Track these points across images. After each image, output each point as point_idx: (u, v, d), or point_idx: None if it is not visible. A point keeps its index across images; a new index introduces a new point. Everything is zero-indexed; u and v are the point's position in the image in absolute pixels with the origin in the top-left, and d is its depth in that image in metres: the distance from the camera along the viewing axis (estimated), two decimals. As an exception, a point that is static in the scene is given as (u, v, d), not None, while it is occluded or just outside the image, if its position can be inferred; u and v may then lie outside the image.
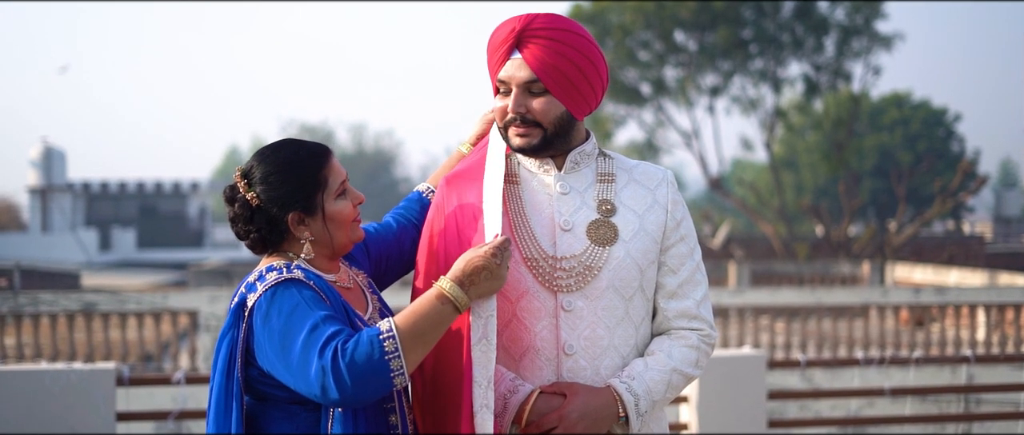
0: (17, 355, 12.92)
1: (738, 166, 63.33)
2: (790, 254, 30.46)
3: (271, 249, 3.23)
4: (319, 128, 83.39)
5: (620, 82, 33.00)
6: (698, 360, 3.33)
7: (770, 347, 14.44)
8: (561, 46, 3.21)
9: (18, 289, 22.36)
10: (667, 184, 3.39)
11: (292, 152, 3.20)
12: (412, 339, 2.97)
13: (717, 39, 31.60)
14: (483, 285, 3.06)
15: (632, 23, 31.86)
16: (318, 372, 2.91)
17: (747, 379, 7.39)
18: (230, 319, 3.11)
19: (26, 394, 6.55)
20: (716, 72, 33.13)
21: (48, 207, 50.13)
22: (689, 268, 3.36)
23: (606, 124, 34.08)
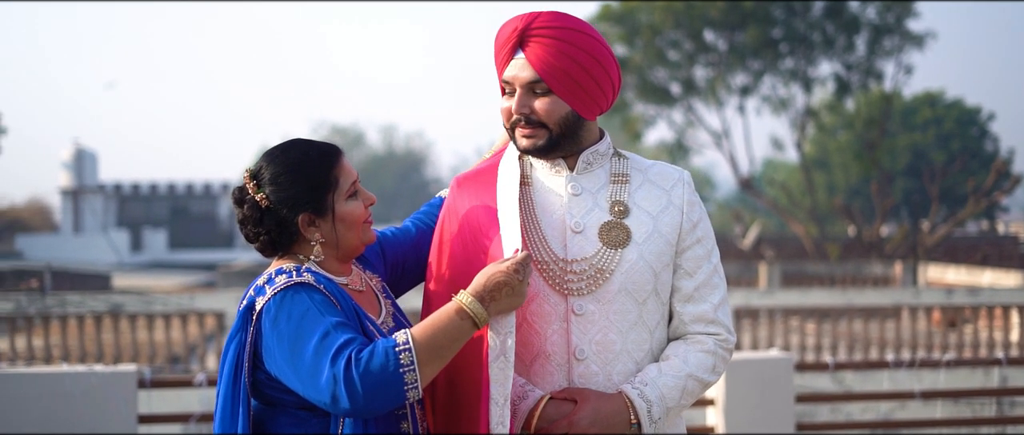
0: (45, 356, 12.93)
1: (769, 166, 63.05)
2: (822, 255, 30.23)
3: (281, 251, 3.17)
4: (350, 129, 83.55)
5: (649, 82, 32.85)
6: (715, 366, 3.23)
7: (800, 349, 14.31)
8: (564, 45, 3.13)
9: (49, 290, 22.44)
10: (683, 185, 3.30)
11: (302, 152, 3.13)
12: (428, 353, 2.90)
13: (747, 38, 31.40)
14: (504, 301, 2.99)
15: (661, 23, 31.70)
16: (330, 380, 2.85)
17: (775, 382, 7.30)
18: (238, 322, 3.05)
19: (48, 396, 6.54)
20: (746, 72, 32.92)
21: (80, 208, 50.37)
22: (706, 271, 3.27)
23: (636, 124, 33.95)
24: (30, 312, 12.97)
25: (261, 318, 3.00)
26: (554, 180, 3.26)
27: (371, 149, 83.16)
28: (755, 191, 34.46)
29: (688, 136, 34.58)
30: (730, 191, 65.25)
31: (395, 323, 3.22)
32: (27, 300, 13.01)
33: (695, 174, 65.70)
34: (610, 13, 32.40)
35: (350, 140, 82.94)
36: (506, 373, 3.02)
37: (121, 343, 13.40)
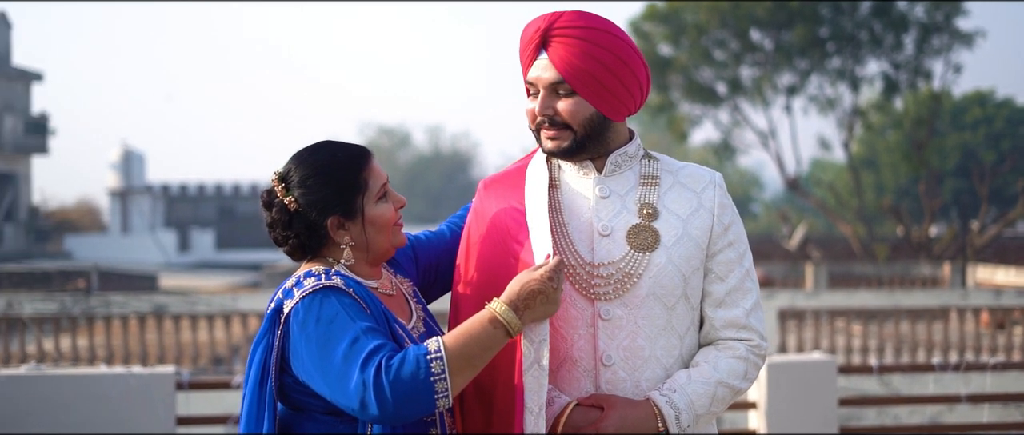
0: (89, 357, 13.00)
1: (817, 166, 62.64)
2: (869, 255, 30.01)
3: (310, 255, 3.13)
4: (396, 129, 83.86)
5: (695, 82, 32.72)
6: (747, 372, 3.16)
7: (846, 351, 14.16)
8: (587, 45, 3.06)
9: (95, 290, 22.61)
10: (714, 187, 3.22)
11: (331, 154, 3.09)
12: (460, 361, 2.86)
13: (794, 37, 31.19)
14: (538, 310, 2.94)
15: (707, 22, 31.56)
16: (359, 386, 2.81)
17: (817, 385, 7.22)
18: (265, 325, 3.01)
19: (86, 398, 6.55)
20: (793, 71, 32.69)
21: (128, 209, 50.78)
22: (738, 275, 3.19)
23: (681, 124, 33.81)
24: (74, 313, 13.04)
25: (289, 321, 2.96)
26: (582, 182, 3.20)
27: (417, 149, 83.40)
28: (802, 191, 34.24)
29: (734, 136, 34.43)
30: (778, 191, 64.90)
31: (425, 328, 3.18)
32: (71, 300, 13.08)
33: (743, 174, 65.44)
34: (655, 13, 32.29)
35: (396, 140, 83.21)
36: (541, 382, 2.97)
37: (165, 344, 13.45)
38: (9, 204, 46.40)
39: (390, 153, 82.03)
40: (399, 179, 77.41)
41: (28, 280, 24.06)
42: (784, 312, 14.14)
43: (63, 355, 13.12)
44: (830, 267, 24.20)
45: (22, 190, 47.41)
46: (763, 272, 21.93)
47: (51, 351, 13.06)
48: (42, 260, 40.19)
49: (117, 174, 51.01)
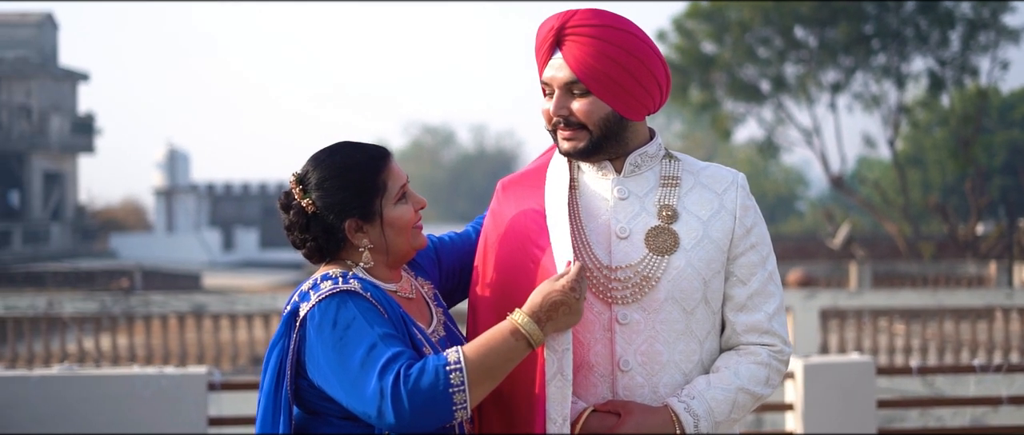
0: (129, 356, 13.05)
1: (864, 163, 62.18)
2: (915, 254, 29.73)
3: (329, 257, 3.09)
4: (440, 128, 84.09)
5: (739, 79, 32.54)
6: (768, 378, 3.08)
7: (888, 351, 14.00)
8: (602, 44, 3.00)
9: (139, 289, 22.74)
10: (736, 188, 3.14)
11: (348, 155, 3.04)
12: (479, 373, 2.82)
13: (838, 35, 30.94)
14: (560, 320, 2.89)
15: (751, 20, 31.37)
16: (376, 394, 2.78)
17: (855, 386, 7.13)
18: (281, 327, 2.98)
19: (118, 398, 6.55)
20: (837, 68, 32.43)
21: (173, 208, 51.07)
22: (760, 279, 3.11)
23: (725, 122, 33.64)
24: (114, 312, 13.10)
25: (305, 325, 2.93)
26: (600, 183, 3.13)
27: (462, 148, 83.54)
28: (847, 189, 33.97)
29: (778, 134, 34.21)
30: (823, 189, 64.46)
31: (446, 332, 3.13)
32: (111, 300, 13.14)
33: (788, 172, 65.08)
34: (699, 10, 32.15)
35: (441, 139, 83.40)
36: (565, 392, 2.93)
37: (204, 343, 13.49)
38: (56, 203, 46.81)
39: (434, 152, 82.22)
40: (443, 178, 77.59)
41: (72, 279, 24.25)
42: (826, 311, 14.00)
43: (103, 354, 13.19)
44: (875, 266, 23.97)
45: (69, 189, 47.82)
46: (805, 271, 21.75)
47: (91, 350, 13.12)
48: (88, 259, 40.52)
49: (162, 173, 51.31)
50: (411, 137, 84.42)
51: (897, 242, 31.51)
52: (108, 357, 13.16)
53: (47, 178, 46.49)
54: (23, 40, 45.49)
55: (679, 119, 71.05)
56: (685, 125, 69.74)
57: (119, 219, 54.80)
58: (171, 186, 51.09)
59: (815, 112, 33.11)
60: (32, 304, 13.08)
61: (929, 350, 14.26)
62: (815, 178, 68.30)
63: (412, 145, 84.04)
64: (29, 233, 43.37)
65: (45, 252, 42.79)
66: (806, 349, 13.49)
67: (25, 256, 40.67)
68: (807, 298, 13.88)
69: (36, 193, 45.12)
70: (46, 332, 13.02)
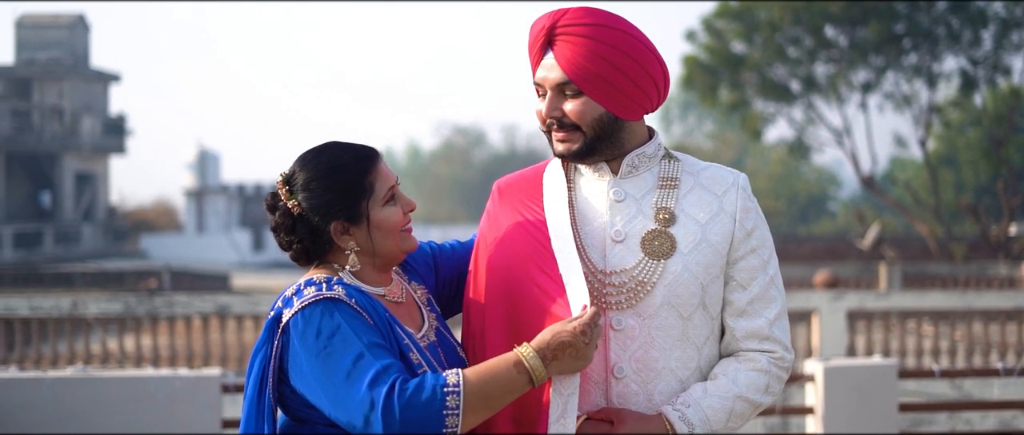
0: (153, 358, 13.05)
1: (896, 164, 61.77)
2: (946, 255, 29.49)
3: (316, 260, 3.03)
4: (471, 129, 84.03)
5: (769, 79, 32.33)
6: (768, 386, 3.00)
7: (916, 353, 13.85)
8: (593, 43, 2.92)
9: (167, 290, 22.79)
10: (737, 190, 3.05)
11: (335, 156, 2.98)
12: (476, 400, 2.76)
13: (869, 34, 30.70)
14: (566, 362, 2.82)
15: (781, 19, 31.16)
16: (365, 404, 2.73)
17: (877, 389, 7.04)
18: (264, 334, 2.93)
19: (132, 400, 6.54)
20: (868, 68, 32.18)
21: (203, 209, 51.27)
22: (761, 283, 3.03)
23: (755, 121, 33.44)
24: (138, 313, 13.10)
25: (288, 331, 2.87)
26: (596, 185, 3.06)
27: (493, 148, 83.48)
28: (878, 190, 33.73)
29: (808, 134, 33.99)
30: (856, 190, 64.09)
31: (437, 338, 3.06)
32: (136, 301, 13.15)
33: (820, 172, 64.70)
34: (728, 10, 31.98)
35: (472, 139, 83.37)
36: None
37: (228, 344, 13.48)
38: (88, 204, 47.05)
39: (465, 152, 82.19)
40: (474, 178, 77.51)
41: (100, 280, 24.32)
42: (853, 313, 13.87)
43: (127, 355, 13.19)
44: (905, 267, 23.77)
45: (100, 190, 48.05)
46: (831, 272, 21.55)
47: (115, 351, 13.13)
48: (119, 260, 40.70)
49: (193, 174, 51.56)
50: (442, 137, 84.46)
51: (928, 243, 31.27)
52: (132, 358, 13.16)
53: (79, 179, 46.73)
54: (55, 41, 45.74)
55: (710, 119, 70.78)
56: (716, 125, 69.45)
57: (150, 220, 55.05)
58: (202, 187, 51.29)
59: (846, 112, 32.90)
60: (56, 305, 13.10)
61: (958, 352, 14.10)
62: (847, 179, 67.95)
63: (443, 145, 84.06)
64: (61, 234, 43.60)
65: (77, 253, 43.02)
66: (832, 351, 13.38)
67: (57, 257, 40.91)
68: (834, 300, 13.76)
69: (68, 194, 45.37)
70: (71, 333, 13.04)
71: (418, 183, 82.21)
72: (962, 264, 24.84)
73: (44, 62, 45.46)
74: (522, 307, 2.96)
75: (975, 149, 41.81)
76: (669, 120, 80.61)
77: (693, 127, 78.38)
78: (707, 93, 32.57)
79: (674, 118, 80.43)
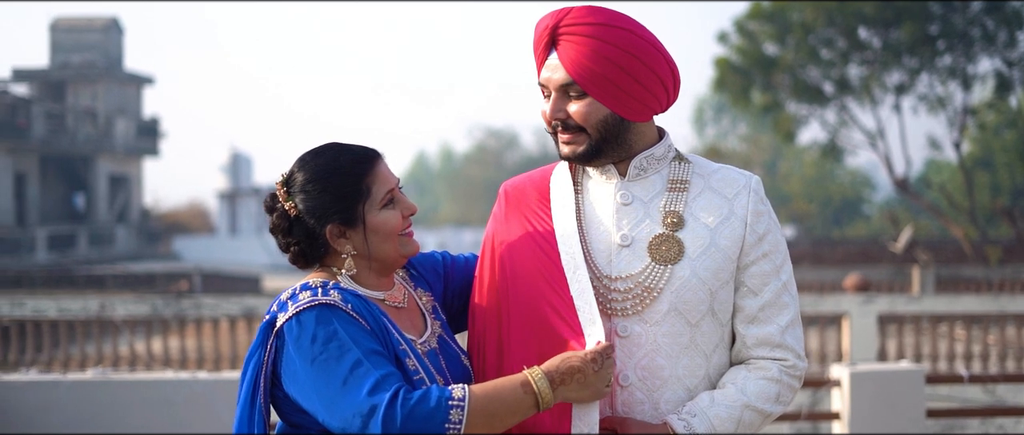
0: (180, 360, 13.05)
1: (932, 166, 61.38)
2: (981, 258, 29.23)
3: (315, 263, 2.97)
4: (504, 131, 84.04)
5: (802, 81, 32.14)
6: (779, 395, 2.90)
7: (948, 358, 13.69)
8: (597, 43, 2.83)
9: (198, 292, 22.84)
10: (748, 193, 2.96)
11: (333, 158, 2.93)
12: (480, 417, 2.70)
13: (902, 35, 30.47)
14: (573, 389, 2.75)
15: (814, 20, 30.99)
16: (364, 410, 2.67)
17: (904, 395, 6.94)
18: (258, 338, 2.87)
19: (151, 403, 6.54)
20: (902, 69, 31.95)
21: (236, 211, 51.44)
22: (773, 289, 2.93)
23: (788, 124, 33.26)
24: (166, 315, 13.10)
25: (282, 337, 2.82)
26: (603, 187, 2.98)
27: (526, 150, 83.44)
28: (912, 193, 33.48)
29: (842, 136, 33.77)
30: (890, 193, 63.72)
31: (439, 345, 3.00)
32: (163, 303, 13.15)
33: (854, 175, 64.34)
34: (760, 12, 31.83)
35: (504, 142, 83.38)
36: None
37: (254, 346, 13.43)
38: (122, 206, 47.30)
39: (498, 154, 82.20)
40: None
41: (132, 282, 24.41)
42: (884, 317, 13.73)
43: (154, 358, 13.19)
44: (939, 270, 23.57)
45: (134, 192, 48.30)
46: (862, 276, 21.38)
47: (143, 354, 13.14)
48: (151, 261, 40.87)
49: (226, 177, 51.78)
50: (475, 140, 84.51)
51: (963, 246, 31.02)
52: (159, 360, 13.15)
53: (113, 181, 46.98)
54: (89, 44, 46.05)
55: (744, 122, 70.52)
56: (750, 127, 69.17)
57: (183, 222, 55.29)
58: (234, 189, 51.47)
59: (879, 114, 32.68)
60: (84, 307, 13.12)
61: (991, 357, 13.93)
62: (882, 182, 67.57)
63: (476, 148, 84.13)
64: (95, 236, 43.84)
65: (110, 255, 43.26)
66: (863, 355, 13.25)
67: (91, 258, 41.15)
68: (864, 303, 13.63)
69: (102, 196, 45.62)
70: (99, 335, 13.05)
71: (451, 185, 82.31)
72: (997, 267, 24.64)
73: (78, 65, 45.77)
74: (532, 326, 2.89)
75: (1010, 151, 41.53)
76: (703, 122, 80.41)
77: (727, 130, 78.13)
78: (739, 95, 32.43)
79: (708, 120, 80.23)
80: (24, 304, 13.18)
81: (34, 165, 42.05)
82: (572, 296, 2.86)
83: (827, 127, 33.62)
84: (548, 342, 2.86)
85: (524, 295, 2.93)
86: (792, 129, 33.58)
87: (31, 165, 41.79)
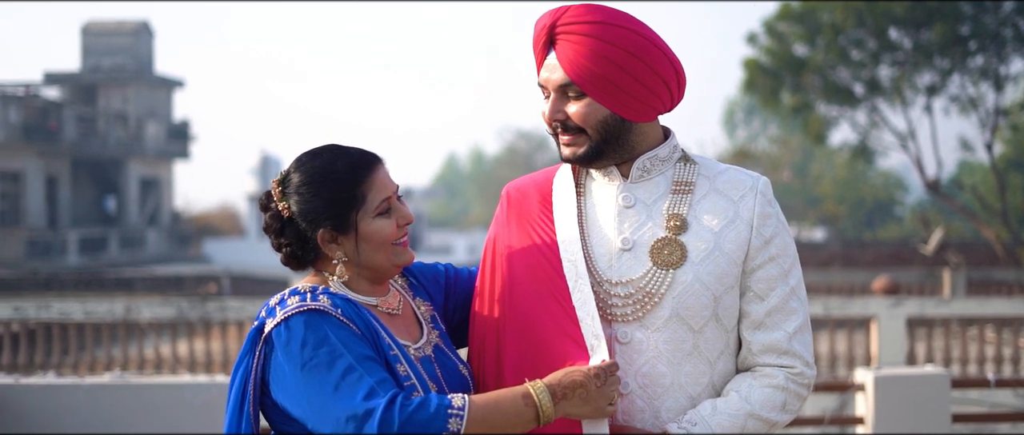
0: (206, 363, 13.05)
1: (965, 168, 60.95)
2: (1014, 261, 28.99)
3: (308, 265, 2.92)
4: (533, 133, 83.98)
5: (832, 82, 31.91)
6: (786, 403, 2.82)
7: (978, 361, 13.55)
8: (595, 42, 2.76)
9: (227, 295, 22.87)
10: (755, 195, 2.87)
11: (329, 161, 2.86)
12: (479, 428, 2.65)
13: (934, 36, 30.22)
14: (574, 404, 2.70)
15: (844, 21, 30.77)
16: (358, 415, 2.61)
17: (929, 400, 6.85)
18: (247, 345, 2.82)
19: (168, 406, 6.52)
20: (933, 70, 31.69)
21: (265, 214, 51.48)
22: (780, 294, 2.85)
23: (818, 125, 33.04)
24: (191, 318, 13.10)
25: (271, 343, 2.76)
26: (606, 189, 2.91)
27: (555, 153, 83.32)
28: (944, 195, 33.22)
29: (872, 138, 33.53)
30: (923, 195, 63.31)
31: (434, 353, 2.93)
32: (189, 305, 13.15)
33: (886, 177, 63.97)
34: (790, 12, 31.63)
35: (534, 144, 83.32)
36: None
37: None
38: (152, 209, 47.47)
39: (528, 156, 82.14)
40: (536, 183, 77.45)
41: (161, 284, 24.46)
42: (912, 320, 13.60)
43: (180, 360, 13.20)
44: (970, 273, 23.38)
45: (165, 195, 48.46)
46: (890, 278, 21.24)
47: (168, 357, 13.14)
48: (182, 264, 40.99)
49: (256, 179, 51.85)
50: (505, 142, 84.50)
51: (995, 248, 30.75)
52: (184, 363, 13.15)
53: (144, 184, 47.16)
54: (120, 48, 46.23)
55: (775, 123, 70.21)
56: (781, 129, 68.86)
57: (214, 225, 55.43)
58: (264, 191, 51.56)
59: (910, 115, 32.43)
60: (110, 309, 13.13)
61: (1021, 360, 13.78)
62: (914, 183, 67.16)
63: (506, 150, 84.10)
64: (126, 239, 44.02)
65: (141, 257, 43.41)
66: (892, 359, 13.13)
67: (122, 261, 41.29)
68: (893, 306, 13.51)
69: (133, 199, 45.80)
70: (124, 338, 13.06)
71: (482, 188, 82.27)
72: (1029, 270, 24.39)
73: (109, 68, 45.97)
74: (530, 336, 2.83)
75: (1045, 152, 41.17)
76: (734, 124, 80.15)
77: (758, 131, 77.83)
78: (768, 97, 32.25)
79: (738, 122, 79.96)
80: (50, 306, 13.20)
81: (66, 168, 42.26)
82: (574, 306, 2.81)
83: (858, 129, 33.39)
84: (548, 353, 2.81)
85: (524, 303, 2.87)
86: (822, 131, 33.36)
87: (63, 168, 42.00)
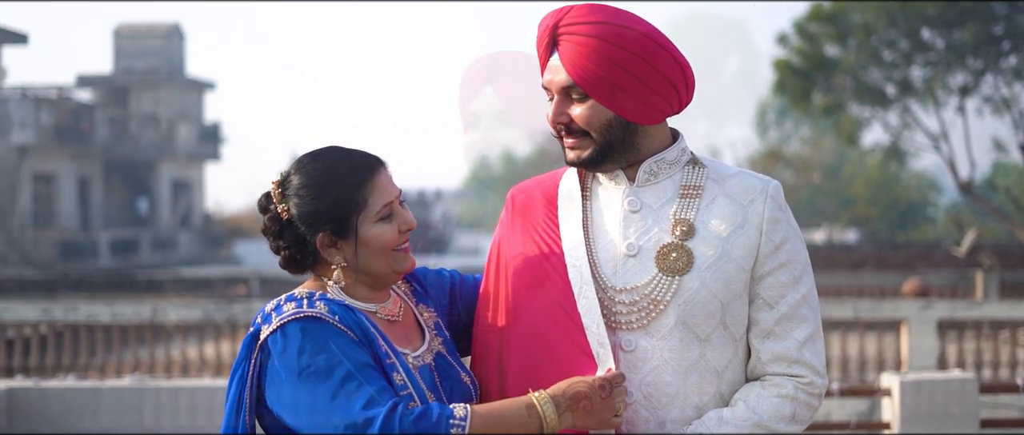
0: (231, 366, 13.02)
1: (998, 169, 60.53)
2: (1048, 263, 28.71)
3: (307, 269, 2.86)
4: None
5: (864, 83, 31.72)
6: (795, 414, 2.73)
7: (1010, 365, 13.39)
8: (598, 43, 2.68)
9: (256, 296, 22.89)
10: (765, 199, 2.79)
11: (330, 164, 2.80)
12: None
13: (966, 36, 29.99)
14: (580, 416, 2.64)
15: (876, 22, 30.58)
16: (357, 424, 2.56)
17: (956, 404, 6.75)
18: (242, 352, 2.75)
19: (187, 409, 6.51)
20: (966, 71, 31.45)
21: (295, 216, 51.68)
22: (791, 302, 2.76)
23: (850, 126, 32.86)
24: (217, 320, 13.10)
25: (267, 350, 2.70)
26: (612, 193, 2.83)
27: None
28: (977, 196, 32.95)
29: (904, 139, 33.31)
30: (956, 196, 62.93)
31: (435, 361, 2.86)
32: (215, 308, 13.15)
33: (919, 178, 63.56)
34: (821, 13, 31.45)
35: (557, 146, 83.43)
36: None
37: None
38: (184, 211, 47.66)
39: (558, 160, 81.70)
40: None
41: (190, 286, 24.52)
42: (943, 323, 13.45)
43: (206, 363, 13.19)
44: (1004, 275, 23.15)
45: (196, 197, 48.66)
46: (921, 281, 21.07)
47: (195, 359, 13.14)
48: (213, 266, 41.10)
49: (286, 181, 52.13)
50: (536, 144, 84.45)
51: (1029, 250, 30.49)
52: (211, 366, 13.14)
53: (175, 186, 47.36)
54: (151, 50, 46.45)
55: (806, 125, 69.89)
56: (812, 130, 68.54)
57: (245, 226, 55.59)
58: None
59: (943, 116, 32.19)
60: (137, 311, 13.15)
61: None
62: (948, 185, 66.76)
63: (537, 152, 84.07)
64: (157, 240, 44.21)
65: (173, 259, 43.58)
66: (922, 362, 12.99)
67: (153, 263, 41.46)
68: (923, 309, 13.37)
69: (164, 201, 46.00)
70: (151, 340, 13.06)
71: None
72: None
73: (141, 71, 46.19)
74: (534, 344, 2.77)
75: (1080, 154, 40.79)
76: (765, 125, 79.79)
77: (790, 132, 77.45)
78: (800, 98, 32.07)
79: (770, 123, 79.59)
80: (78, 308, 13.22)
81: (98, 170, 42.48)
82: (580, 313, 2.75)
83: (890, 130, 33.17)
84: (553, 360, 2.74)
85: (528, 310, 2.81)
86: (854, 132, 33.17)
87: (95, 170, 42.23)
